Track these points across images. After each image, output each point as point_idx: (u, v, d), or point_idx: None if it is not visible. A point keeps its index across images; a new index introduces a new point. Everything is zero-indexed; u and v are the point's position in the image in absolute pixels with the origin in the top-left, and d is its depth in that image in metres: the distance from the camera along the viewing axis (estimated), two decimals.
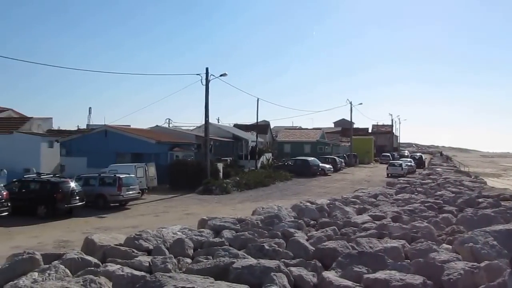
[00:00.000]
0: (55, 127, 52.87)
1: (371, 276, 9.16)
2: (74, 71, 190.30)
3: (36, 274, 8.90)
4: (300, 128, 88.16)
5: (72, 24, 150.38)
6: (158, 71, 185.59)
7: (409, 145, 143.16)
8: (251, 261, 9.90)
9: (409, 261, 10.72)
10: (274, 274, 8.84)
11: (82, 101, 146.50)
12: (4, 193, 20.57)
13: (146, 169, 32.00)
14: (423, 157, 79.53)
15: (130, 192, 26.78)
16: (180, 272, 9.78)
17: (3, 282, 8.58)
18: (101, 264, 10.14)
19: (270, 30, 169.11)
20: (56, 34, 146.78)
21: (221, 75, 37.48)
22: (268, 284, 8.54)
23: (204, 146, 39.83)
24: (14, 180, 25.95)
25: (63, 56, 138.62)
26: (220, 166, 39.98)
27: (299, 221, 16.77)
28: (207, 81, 36.33)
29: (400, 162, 57.34)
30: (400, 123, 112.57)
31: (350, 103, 70.49)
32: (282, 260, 10.50)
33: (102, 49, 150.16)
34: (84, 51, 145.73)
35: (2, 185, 21.83)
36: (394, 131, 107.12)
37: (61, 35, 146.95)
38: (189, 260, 11.06)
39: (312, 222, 17.53)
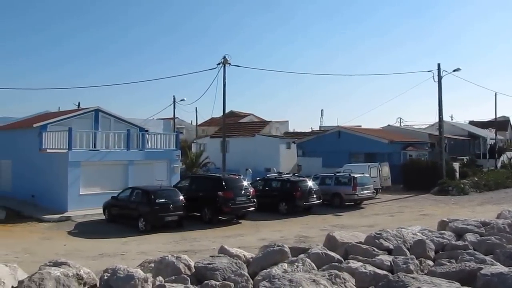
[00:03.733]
0: (290, 129, 55.97)
1: None
2: (306, 75, 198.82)
3: (285, 265, 9.59)
4: None
5: (300, 30, 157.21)
6: (387, 70, 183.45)
7: None
8: (501, 268, 9.22)
9: None
10: None
11: (314, 103, 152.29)
12: (251, 190, 22.52)
13: (380, 168, 32.04)
14: None
15: (365, 192, 27.10)
16: (422, 274, 9.59)
17: (258, 269, 9.45)
18: (343, 260, 10.46)
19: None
20: (288, 41, 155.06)
21: (454, 71, 35.76)
22: None
23: (438, 145, 38.34)
24: (258, 178, 28.28)
25: (295, 61, 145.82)
26: (456, 165, 38.19)
27: None
28: (439, 78, 35.01)
29: None
30: None
31: None
32: None
33: (332, 53, 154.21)
34: (314, 56, 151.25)
35: (249, 183, 23.89)
36: None
37: (294, 42, 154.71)
38: (430, 262, 10.77)
39: None
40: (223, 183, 21.83)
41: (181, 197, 20.65)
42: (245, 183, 22.85)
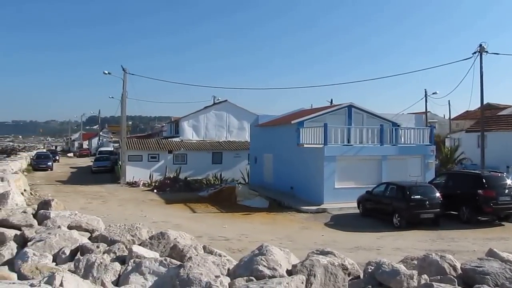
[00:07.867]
0: None
1: None
2: None
3: None
4: None
5: None
6: None
7: None
8: None
9: None
10: None
11: None
12: None
13: None
14: None
15: None
16: None
17: None
18: None
19: None
20: None
21: None
22: None
23: None
24: None
25: None
26: None
27: None
28: None
29: None
30: None
31: None
32: None
33: None
34: None
35: None
36: None
37: None
38: None
39: None
40: (484, 181, 20.35)
41: (438, 194, 19.91)
42: (509, 181, 20.93)
